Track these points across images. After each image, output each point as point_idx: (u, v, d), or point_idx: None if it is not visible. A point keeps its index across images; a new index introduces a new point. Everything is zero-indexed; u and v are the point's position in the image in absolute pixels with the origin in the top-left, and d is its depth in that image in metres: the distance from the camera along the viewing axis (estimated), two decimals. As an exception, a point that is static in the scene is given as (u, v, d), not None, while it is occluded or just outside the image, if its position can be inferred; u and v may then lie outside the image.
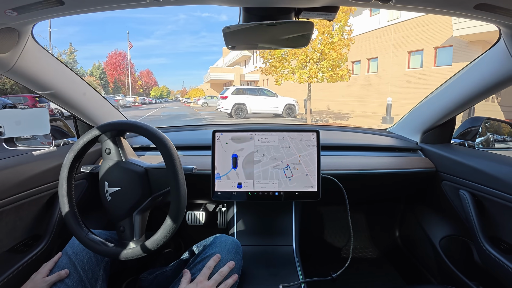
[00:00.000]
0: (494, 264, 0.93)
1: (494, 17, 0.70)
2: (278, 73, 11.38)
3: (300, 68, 10.74)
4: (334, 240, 1.79)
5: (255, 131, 1.07)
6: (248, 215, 1.20)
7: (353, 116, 13.80)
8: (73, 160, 0.84)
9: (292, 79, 11.09)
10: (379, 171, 1.21)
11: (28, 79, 0.95)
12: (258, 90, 14.21)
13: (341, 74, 10.69)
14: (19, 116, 0.96)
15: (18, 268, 0.91)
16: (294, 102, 13.83)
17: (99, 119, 1.28)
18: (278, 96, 13.73)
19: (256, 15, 0.74)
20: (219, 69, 38.75)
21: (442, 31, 11.77)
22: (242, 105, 13.06)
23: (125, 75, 49.91)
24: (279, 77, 11.49)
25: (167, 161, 0.78)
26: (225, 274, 0.81)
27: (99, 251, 0.81)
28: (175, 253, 1.42)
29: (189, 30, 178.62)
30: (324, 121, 12.49)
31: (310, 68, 10.48)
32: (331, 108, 17.94)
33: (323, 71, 10.53)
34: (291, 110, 13.70)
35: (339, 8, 0.73)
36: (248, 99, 13.19)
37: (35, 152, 1.07)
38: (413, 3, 0.67)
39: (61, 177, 0.84)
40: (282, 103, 13.62)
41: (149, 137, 0.81)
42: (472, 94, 1.06)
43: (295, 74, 10.82)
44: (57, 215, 1.07)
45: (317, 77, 10.70)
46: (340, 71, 10.68)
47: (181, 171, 0.79)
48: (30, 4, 0.62)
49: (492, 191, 0.97)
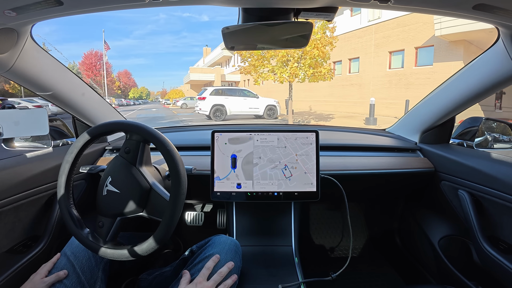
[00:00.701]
0: (493, 264, 0.93)
1: (493, 17, 0.70)
2: (258, 72, 10.98)
3: (281, 67, 10.44)
4: (333, 240, 1.79)
5: (254, 131, 1.07)
6: (248, 215, 1.19)
7: (336, 117, 13.76)
8: (83, 145, 0.84)
9: (272, 78, 10.76)
10: (378, 171, 1.21)
11: (27, 80, 0.95)
12: (238, 91, 13.70)
13: (323, 73, 10.44)
14: (18, 116, 0.96)
15: (17, 269, 0.91)
16: (275, 103, 13.48)
17: (98, 119, 1.28)
18: (258, 97, 13.31)
19: (255, 15, 0.74)
20: (199, 70, 38.08)
21: (423, 31, 11.85)
22: (221, 106, 12.54)
23: (101, 76, 47.27)
24: (258, 77, 11.09)
25: (174, 183, 0.76)
26: (224, 274, 0.81)
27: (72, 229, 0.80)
28: (174, 253, 1.41)
29: (170, 30, 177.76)
30: (306, 122, 12.32)
31: (291, 67, 10.17)
32: (313, 109, 17.86)
33: (304, 70, 10.28)
34: (273, 111, 13.34)
35: (338, 9, 0.73)
36: (227, 100, 12.71)
37: (34, 152, 1.07)
38: (412, 4, 0.67)
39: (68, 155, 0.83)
40: (263, 104, 13.23)
41: (160, 149, 0.79)
42: (470, 94, 1.06)
43: (276, 73, 10.51)
44: (56, 215, 1.06)
45: (298, 76, 10.44)
46: (323, 69, 10.43)
47: (182, 199, 0.77)
48: (29, 5, 0.62)
49: (491, 191, 0.98)
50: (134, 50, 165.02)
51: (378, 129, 1.72)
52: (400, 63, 13.22)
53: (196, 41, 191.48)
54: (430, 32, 11.25)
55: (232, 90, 13.80)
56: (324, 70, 10.39)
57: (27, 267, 0.94)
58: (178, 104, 27.94)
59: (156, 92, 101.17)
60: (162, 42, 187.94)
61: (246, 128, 1.11)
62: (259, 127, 1.11)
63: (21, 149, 1.09)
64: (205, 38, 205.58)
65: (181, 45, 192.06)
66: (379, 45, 13.87)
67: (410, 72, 12.68)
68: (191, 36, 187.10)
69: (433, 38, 11.27)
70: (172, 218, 0.75)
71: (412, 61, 12.62)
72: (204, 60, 45.32)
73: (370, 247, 1.80)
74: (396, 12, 11.52)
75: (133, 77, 72.17)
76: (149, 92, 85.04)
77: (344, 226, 1.81)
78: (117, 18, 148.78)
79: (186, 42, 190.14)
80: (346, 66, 16.12)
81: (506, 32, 0.81)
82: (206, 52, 47.37)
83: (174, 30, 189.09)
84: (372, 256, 1.73)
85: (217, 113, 12.46)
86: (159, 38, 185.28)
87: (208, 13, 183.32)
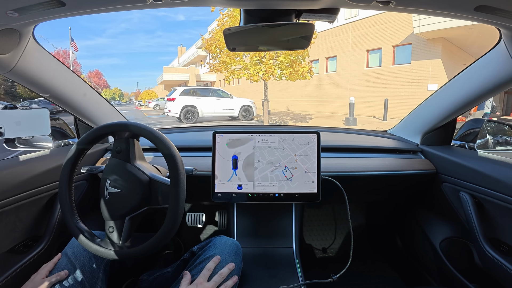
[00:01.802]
0: (495, 266, 0.93)
1: (494, 18, 0.70)
2: (229, 69, 10.16)
3: (255, 64, 9.63)
4: (334, 242, 1.79)
5: (256, 132, 1.07)
6: (248, 216, 1.19)
7: (314, 117, 13.44)
8: (80, 151, 0.85)
9: (246, 75, 9.85)
10: (380, 173, 1.21)
11: (29, 80, 0.95)
12: (210, 91, 12.84)
13: (302, 71, 9.82)
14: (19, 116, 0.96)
15: (17, 268, 0.91)
16: (251, 103, 12.89)
17: (100, 120, 1.28)
18: (233, 97, 12.67)
19: (257, 17, 0.74)
20: (173, 69, 36.64)
21: (400, 29, 11.77)
22: (192, 107, 11.75)
23: None
24: (230, 74, 10.28)
25: (173, 181, 0.77)
26: (225, 275, 0.81)
27: (82, 241, 0.80)
28: (175, 254, 1.41)
29: (144, 29, 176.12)
30: (283, 123, 11.76)
31: (266, 64, 9.47)
32: (290, 109, 17.54)
33: (281, 68, 9.63)
34: (248, 112, 12.76)
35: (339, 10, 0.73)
36: (199, 101, 11.91)
37: (35, 152, 1.07)
38: (413, 5, 0.67)
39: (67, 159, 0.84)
40: (238, 105, 12.59)
41: (161, 150, 0.80)
42: (472, 96, 1.06)
43: (249, 70, 9.66)
44: (57, 216, 1.07)
45: (273, 74, 9.73)
46: (301, 67, 9.80)
47: (183, 192, 0.78)
48: (31, 5, 0.62)
49: (493, 193, 0.97)
50: (107, 50, 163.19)
51: (379, 130, 1.71)
52: (377, 62, 13.11)
53: (171, 41, 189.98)
54: (408, 30, 11.22)
55: (204, 90, 12.97)
56: (302, 69, 9.84)
57: (28, 267, 0.94)
58: (150, 106, 27.34)
59: (130, 93, 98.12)
60: (136, 41, 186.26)
61: (248, 129, 1.11)
62: (260, 128, 1.12)
63: (22, 149, 1.09)
64: (181, 38, 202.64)
65: (156, 44, 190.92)
66: (356, 43, 13.76)
67: (388, 70, 12.58)
68: (166, 36, 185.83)
69: (411, 36, 11.24)
70: (175, 217, 0.76)
71: (390, 60, 12.55)
72: (179, 60, 43.90)
73: (371, 249, 1.79)
74: (373, 11, 11.24)
75: (105, 77, 70.77)
76: (122, 93, 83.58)
77: (345, 227, 1.80)
78: (89, 17, 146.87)
79: (161, 41, 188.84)
80: (323, 65, 15.89)
81: (507, 33, 0.80)
82: (181, 51, 45.86)
83: (149, 29, 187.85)
84: (373, 258, 1.73)
85: (188, 115, 11.72)
86: (133, 37, 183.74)
87: (184, 13, 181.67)
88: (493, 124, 1.19)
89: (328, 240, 1.80)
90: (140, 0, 0.63)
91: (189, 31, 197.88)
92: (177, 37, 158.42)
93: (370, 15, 12.81)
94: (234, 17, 9.20)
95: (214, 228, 1.34)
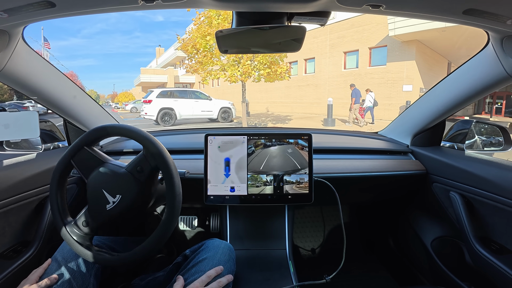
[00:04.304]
0: (485, 265, 0.94)
1: (482, 22, 0.71)
2: (206, 70, 10.13)
3: (232, 65, 9.66)
4: (327, 243, 1.80)
5: (248, 135, 1.07)
6: (241, 219, 1.19)
7: (293, 118, 13.58)
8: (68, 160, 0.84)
9: (223, 76, 9.94)
10: (371, 174, 1.22)
11: (18, 82, 0.94)
12: (188, 93, 12.65)
13: (280, 72, 9.92)
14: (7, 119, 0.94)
15: (7, 274, 0.89)
16: (230, 105, 12.72)
17: (90, 123, 1.26)
18: (212, 99, 12.45)
19: (249, 19, 0.74)
20: (151, 71, 35.74)
21: (376, 32, 12.21)
22: (169, 110, 11.50)
23: None
24: (207, 75, 10.26)
25: (168, 185, 0.77)
26: (223, 285, 0.80)
27: (73, 246, 0.80)
28: (168, 258, 1.40)
29: (121, 30, 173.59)
30: (263, 124, 11.75)
31: (243, 65, 9.52)
32: (270, 110, 17.74)
33: (259, 69, 9.67)
34: (227, 114, 12.60)
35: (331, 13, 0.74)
36: (176, 103, 11.65)
37: (24, 156, 1.05)
38: (403, 9, 0.68)
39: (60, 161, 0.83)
40: (217, 107, 12.42)
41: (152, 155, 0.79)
42: (461, 98, 1.07)
43: (227, 71, 9.69)
44: (46, 220, 1.05)
45: (251, 75, 9.80)
46: (279, 68, 9.88)
47: (179, 201, 0.78)
48: (21, 6, 0.61)
49: (482, 192, 0.99)
50: (82, 50, 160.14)
51: (370, 132, 1.73)
52: (354, 63, 13.55)
53: (150, 42, 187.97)
54: (384, 32, 11.62)
55: (182, 92, 12.67)
56: (280, 69, 9.93)
57: (18, 273, 0.92)
58: (127, 108, 26.81)
59: (107, 96, 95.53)
60: (113, 42, 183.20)
61: (240, 131, 1.11)
62: (253, 131, 1.12)
63: (11, 153, 1.07)
64: (159, 39, 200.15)
65: (133, 45, 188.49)
66: (334, 45, 14.03)
67: (364, 72, 13.05)
68: (144, 37, 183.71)
69: (387, 39, 11.70)
70: (170, 224, 0.75)
71: (367, 61, 13.02)
72: (157, 61, 42.91)
73: (363, 249, 1.81)
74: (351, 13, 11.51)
75: (80, 79, 69.03)
76: (98, 96, 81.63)
77: (338, 228, 1.81)
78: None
79: (139, 42, 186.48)
80: (302, 67, 16.22)
81: (495, 36, 0.82)
82: (159, 52, 44.84)
83: (126, 29, 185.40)
84: (365, 259, 1.74)
85: (165, 118, 11.46)
86: (109, 37, 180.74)
87: (162, 13, 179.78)
88: (482, 125, 1.21)
89: (321, 242, 1.81)
90: (131, 2, 0.63)
91: (167, 32, 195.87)
92: (155, 38, 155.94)
93: (347, 17, 13.06)
94: (210, 17, 9.23)
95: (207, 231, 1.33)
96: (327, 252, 1.77)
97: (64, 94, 1.13)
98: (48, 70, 1.03)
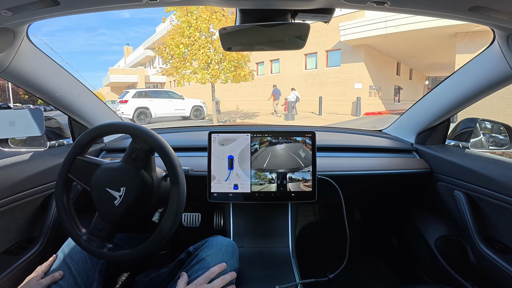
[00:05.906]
0: (489, 264, 0.94)
1: (488, 19, 0.70)
2: (180, 73, 11.28)
3: (203, 69, 10.85)
4: (330, 241, 1.79)
5: (251, 132, 1.07)
6: (244, 216, 1.19)
7: (260, 114, 14.99)
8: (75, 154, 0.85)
9: (195, 79, 11.17)
10: (375, 172, 1.22)
11: (22, 80, 0.94)
12: (162, 93, 13.41)
13: (243, 74, 11.32)
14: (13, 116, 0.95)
15: (12, 270, 0.90)
16: (201, 103, 13.53)
17: (94, 120, 1.27)
18: (184, 98, 13.20)
19: (252, 16, 0.74)
20: (121, 71, 34.43)
21: (332, 36, 13.69)
22: (145, 109, 12.09)
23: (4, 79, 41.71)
24: (181, 78, 11.46)
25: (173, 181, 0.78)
26: (226, 282, 0.80)
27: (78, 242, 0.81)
28: (171, 255, 1.41)
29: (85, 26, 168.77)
30: (232, 121, 12.92)
31: (212, 69, 10.69)
32: (240, 108, 18.81)
33: (225, 72, 10.95)
34: (199, 112, 13.39)
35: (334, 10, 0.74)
36: (151, 102, 12.29)
37: (30, 153, 1.06)
38: (408, 6, 0.67)
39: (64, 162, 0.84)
40: (189, 105, 13.18)
41: (157, 151, 0.80)
42: (466, 96, 1.06)
43: (198, 74, 10.91)
44: (51, 217, 1.06)
45: (219, 78, 11.01)
46: (242, 71, 11.27)
47: (183, 199, 0.80)
48: (25, 4, 0.61)
49: (487, 191, 0.98)
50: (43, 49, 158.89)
51: (374, 130, 1.72)
52: (314, 64, 15.31)
53: (116, 39, 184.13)
54: (338, 37, 13.02)
55: (156, 92, 13.67)
56: (244, 72, 11.33)
57: (23, 269, 0.93)
58: None
59: None
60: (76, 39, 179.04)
61: (243, 129, 1.11)
62: (256, 128, 1.11)
63: (16, 150, 1.08)
64: (126, 36, 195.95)
65: (98, 43, 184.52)
66: None
67: (322, 72, 14.82)
68: (110, 34, 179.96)
69: (340, 43, 13.42)
70: (175, 220, 0.77)
71: (324, 63, 14.80)
72: (125, 60, 41.27)
73: (367, 247, 1.80)
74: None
75: None
76: None
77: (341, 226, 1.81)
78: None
79: (104, 40, 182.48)
80: (268, 67, 17.98)
81: (501, 34, 0.81)
82: (127, 51, 43.13)
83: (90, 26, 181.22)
84: (369, 257, 1.74)
85: (141, 116, 12.00)
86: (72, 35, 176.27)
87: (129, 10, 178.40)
88: (487, 123, 1.20)
89: (324, 239, 1.80)
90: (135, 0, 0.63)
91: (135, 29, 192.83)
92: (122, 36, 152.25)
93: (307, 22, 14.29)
94: (182, 28, 10.44)
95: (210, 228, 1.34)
96: (330, 250, 1.77)
97: (69, 92, 1.13)
98: (53, 68, 1.04)
